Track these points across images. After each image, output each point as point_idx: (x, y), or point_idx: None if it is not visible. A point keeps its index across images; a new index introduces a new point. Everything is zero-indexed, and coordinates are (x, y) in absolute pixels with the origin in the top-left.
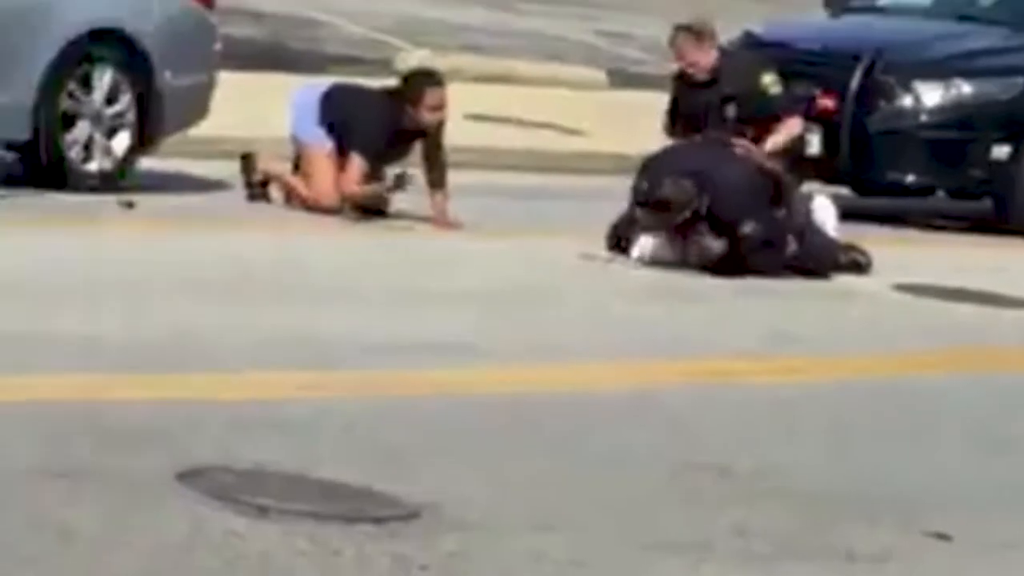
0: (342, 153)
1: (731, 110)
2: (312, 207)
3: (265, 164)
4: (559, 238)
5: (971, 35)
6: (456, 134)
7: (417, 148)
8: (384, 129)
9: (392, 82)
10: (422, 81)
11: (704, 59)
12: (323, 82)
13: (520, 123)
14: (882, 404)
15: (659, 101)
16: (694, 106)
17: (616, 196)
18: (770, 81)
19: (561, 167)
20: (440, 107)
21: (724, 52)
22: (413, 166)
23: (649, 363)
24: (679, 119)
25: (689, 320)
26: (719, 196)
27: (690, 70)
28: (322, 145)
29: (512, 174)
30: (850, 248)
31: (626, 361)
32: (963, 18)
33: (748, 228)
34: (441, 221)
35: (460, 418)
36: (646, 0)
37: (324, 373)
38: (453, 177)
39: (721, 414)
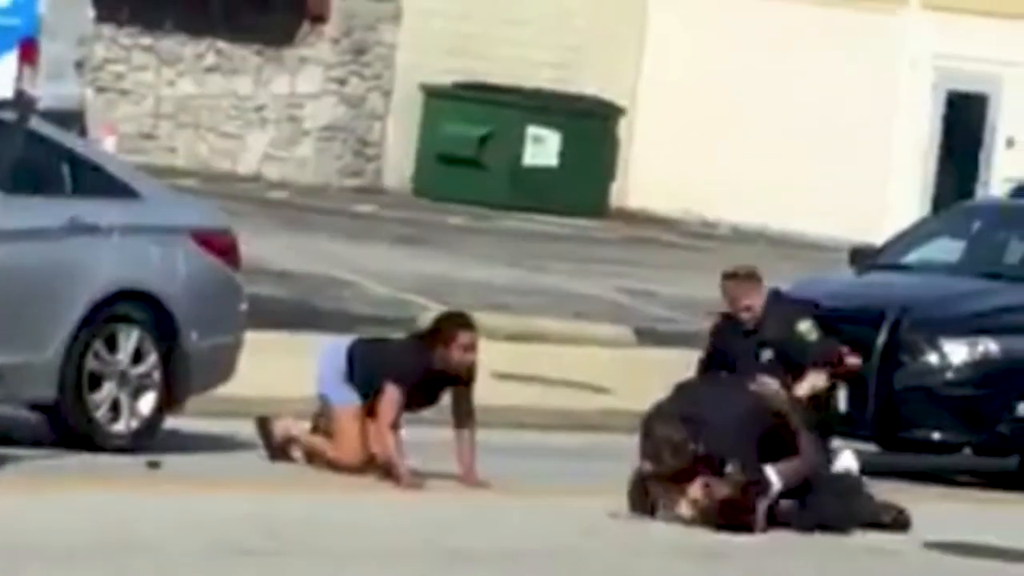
0: (371, 413)
1: (767, 354)
2: (337, 467)
3: (284, 427)
4: (586, 497)
5: (997, 292)
6: (483, 393)
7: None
8: (416, 365)
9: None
10: (454, 322)
11: (758, 302)
12: (349, 337)
13: (546, 381)
14: None
15: (686, 358)
16: (734, 351)
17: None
18: (807, 328)
19: (588, 425)
20: (471, 348)
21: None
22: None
23: None
24: (713, 364)
25: None
26: (710, 433)
27: (745, 314)
28: (350, 403)
29: (539, 433)
30: (890, 506)
31: None
32: (989, 275)
33: (733, 468)
34: (469, 477)
35: None
36: (669, 258)
37: None
38: (480, 436)
39: None
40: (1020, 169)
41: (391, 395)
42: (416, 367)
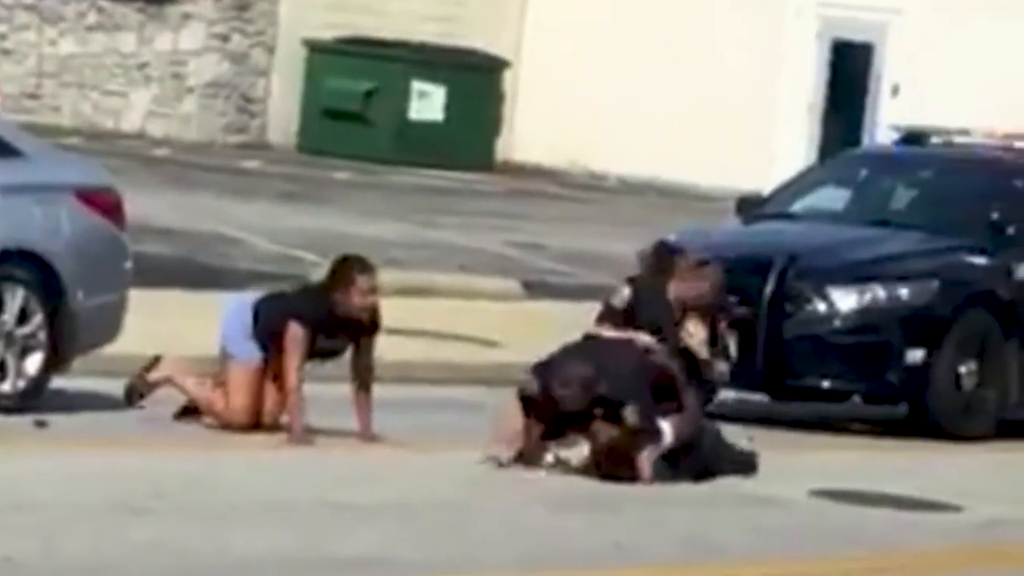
0: (274, 373)
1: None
2: (225, 423)
3: (178, 378)
4: (475, 450)
5: (884, 240)
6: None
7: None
8: (318, 307)
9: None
10: (352, 265)
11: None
12: (254, 293)
13: (435, 335)
14: None
15: (575, 310)
16: (655, 313)
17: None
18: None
19: (477, 379)
20: (372, 291)
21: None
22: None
23: (571, 574)
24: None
25: (605, 530)
26: (612, 377)
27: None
28: (251, 359)
29: (428, 387)
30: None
31: (547, 573)
32: (876, 223)
33: (630, 412)
34: (365, 434)
35: None
36: (556, 211)
37: None
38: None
39: None
40: (905, 117)
41: (294, 332)
42: (318, 308)
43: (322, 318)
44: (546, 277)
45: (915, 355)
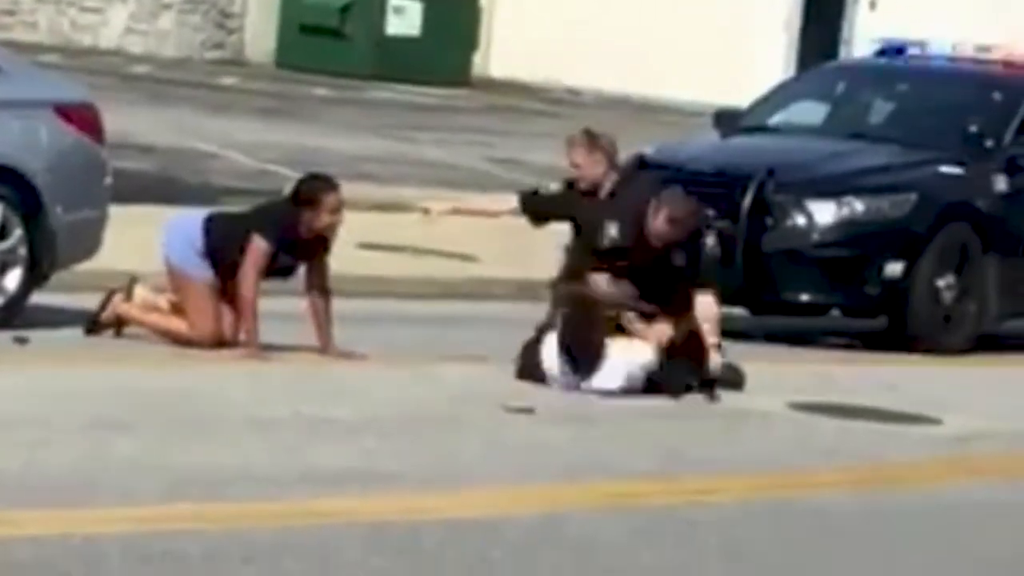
0: (225, 294)
1: (613, 229)
2: (190, 343)
3: (123, 307)
4: (456, 365)
5: (862, 153)
6: (350, 262)
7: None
8: (284, 223)
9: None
10: (318, 185)
11: (589, 168)
12: (199, 211)
13: (414, 251)
14: (781, 524)
15: (552, 227)
16: (580, 215)
17: (512, 321)
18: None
19: (455, 293)
20: (338, 209)
21: (624, 178)
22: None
23: (551, 487)
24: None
25: (589, 443)
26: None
27: (574, 172)
28: (206, 278)
29: (407, 302)
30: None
31: (528, 486)
32: (854, 136)
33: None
34: (330, 349)
35: (359, 549)
36: (533, 126)
37: (223, 505)
38: (349, 305)
39: (626, 538)
40: (884, 29)
41: (258, 246)
42: (284, 224)
43: (287, 235)
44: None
45: (894, 268)
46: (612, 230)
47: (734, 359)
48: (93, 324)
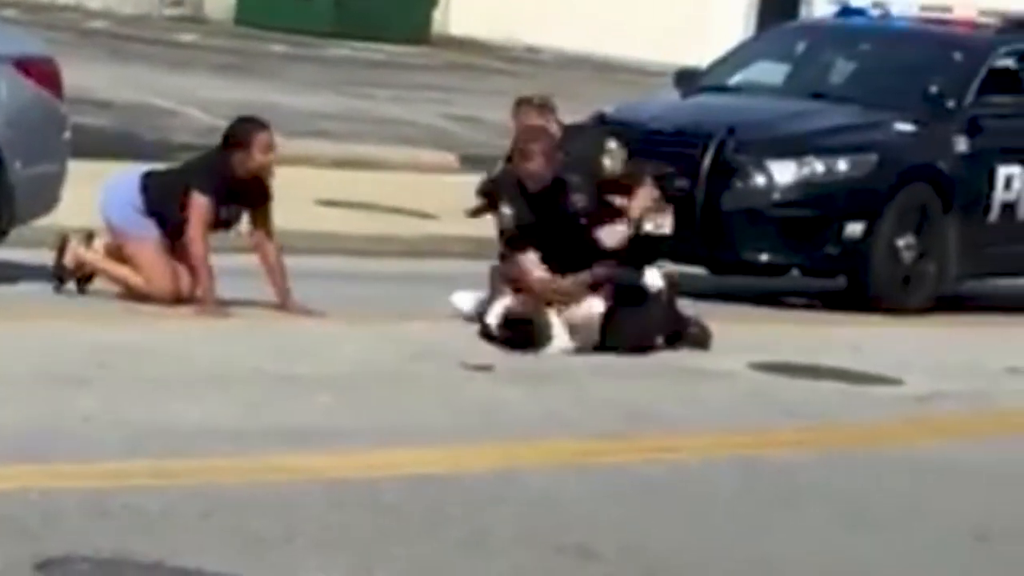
0: (173, 250)
1: (579, 200)
2: (148, 298)
3: (78, 254)
4: (412, 322)
5: (823, 113)
6: (309, 219)
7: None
8: (219, 171)
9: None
10: (248, 126)
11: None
12: (134, 170)
13: (371, 207)
14: (743, 483)
15: None
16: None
17: (471, 278)
18: (614, 147)
19: (414, 251)
20: (270, 148)
21: (568, 128)
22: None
23: (509, 445)
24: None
25: (548, 401)
26: None
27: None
28: (151, 235)
29: (364, 259)
30: (694, 322)
31: (486, 443)
32: (814, 96)
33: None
34: (288, 304)
35: (319, 504)
36: (493, 84)
37: (180, 461)
38: (308, 262)
39: (585, 495)
40: None
41: (198, 201)
42: (218, 175)
43: (223, 184)
44: (482, 150)
45: (854, 228)
46: (579, 201)
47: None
48: (59, 271)
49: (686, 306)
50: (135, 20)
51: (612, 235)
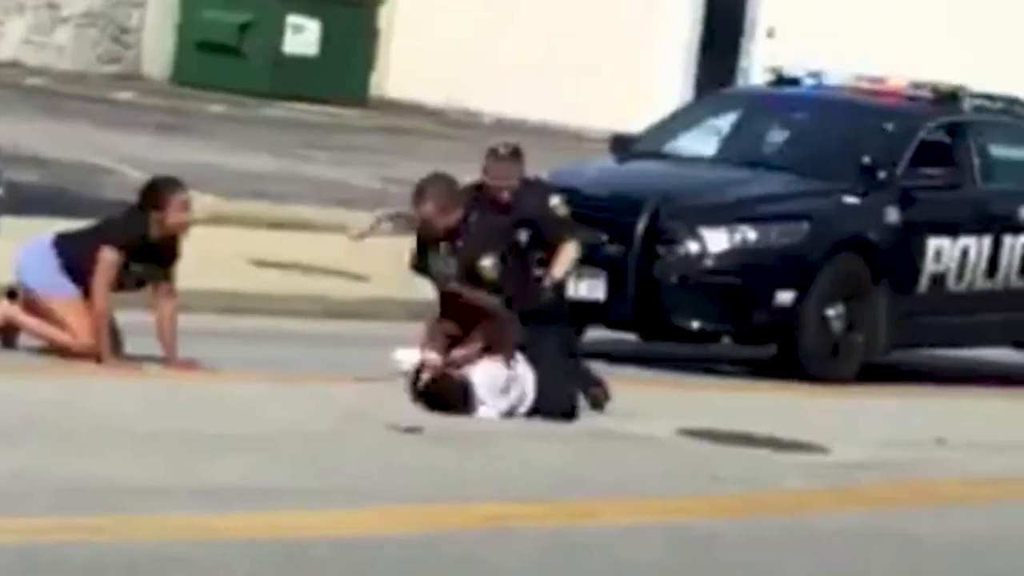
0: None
1: (523, 235)
2: (75, 353)
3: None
4: (343, 383)
5: (756, 181)
6: (244, 280)
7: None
8: (132, 229)
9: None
10: (165, 187)
11: (517, 177)
12: (47, 235)
13: (306, 269)
14: (668, 549)
15: None
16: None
17: (403, 342)
18: (558, 203)
19: (347, 313)
20: (186, 207)
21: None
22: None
23: (438, 507)
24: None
25: (476, 463)
26: None
27: (503, 183)
28: (72, 294)
29: (297, 320)
30: (596, 383)
31: (415, 505)
32: (748, 164)
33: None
34: (174, 361)
35: (246, 563)
36: (430, 148)
37: (108, 517)
38: (241, 323)
39: (511, 559)
40: (782, 58)
41: (106, 256)
42: (132, 232)
43: (136, 242)
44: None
45: (784, 297)
46: (523, 236)
47: (624, 384)
48: None
49: (614, 371)
50: (73, 77)
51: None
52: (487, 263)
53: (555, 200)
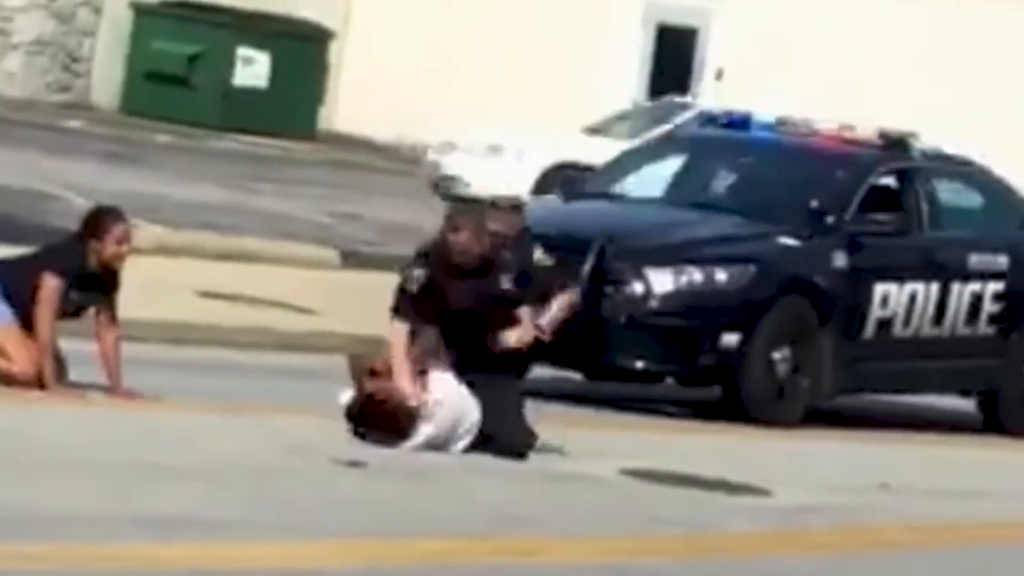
0: (29, 331)
1: (506, 281)
2: (14, 381)
3: None
4: (287, 415)
5: (703, 223)
6: (189, 311)
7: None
8: (72, 257)
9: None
10: (105, 217)
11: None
12: None
13: (252, 301)
14: None
15: (389, 281)
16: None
17: (346, 375)
18: (540, 256)
19: (292, 345)
20: (125, 240)
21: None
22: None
23: (381, 542)
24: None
25: (418, 498)
26: None
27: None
28: (10, 320)
29: (243, 352)
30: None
31: (358, 540)
32: (696, 206)
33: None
34: (118, 390)
35: None
36: (377, 182)
37: (48, 545)
38: (187, 354)
39: None
40: (730, 101)
41: (48, 284)
42: (72, 260)
43: (76, 270)
44: (362, 247)
45: (729, 339)
46: (505, 283)
47: (568, 423)
48: None
49: (559, 410)
50: (22, 105)
51: (514, 336)
52: (538, 255)
53: (539, 253)
